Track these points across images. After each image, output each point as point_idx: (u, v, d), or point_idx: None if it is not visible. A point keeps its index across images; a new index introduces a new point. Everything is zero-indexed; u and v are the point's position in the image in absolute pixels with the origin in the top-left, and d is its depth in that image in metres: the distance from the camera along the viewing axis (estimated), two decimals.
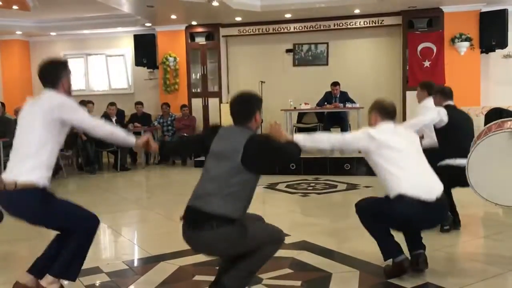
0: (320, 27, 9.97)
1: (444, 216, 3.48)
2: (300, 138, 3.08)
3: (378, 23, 9.64)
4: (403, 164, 3.10)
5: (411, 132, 3.53)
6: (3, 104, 9.06)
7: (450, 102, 4.35)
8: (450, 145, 4.18)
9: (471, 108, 9.03)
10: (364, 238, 3.73)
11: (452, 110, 4.22)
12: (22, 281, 2.85)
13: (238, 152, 2.62)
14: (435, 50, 9.10)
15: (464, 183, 3.73)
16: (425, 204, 3.02)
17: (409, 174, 3.08)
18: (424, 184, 3.09)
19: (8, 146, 7.21)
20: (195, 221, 2.62)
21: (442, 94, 4.43)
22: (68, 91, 2.95)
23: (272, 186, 6.50)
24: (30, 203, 2.76)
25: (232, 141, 2.70)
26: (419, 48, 9.15)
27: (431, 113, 4.18)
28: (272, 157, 2.79)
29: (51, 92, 2.88)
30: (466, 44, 9.00)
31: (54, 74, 2.89)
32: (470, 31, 9.00)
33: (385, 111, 3.29)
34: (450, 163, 4.09)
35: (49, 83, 2.89)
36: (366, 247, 3.60)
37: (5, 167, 2.88)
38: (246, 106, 2.82)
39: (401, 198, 3.02)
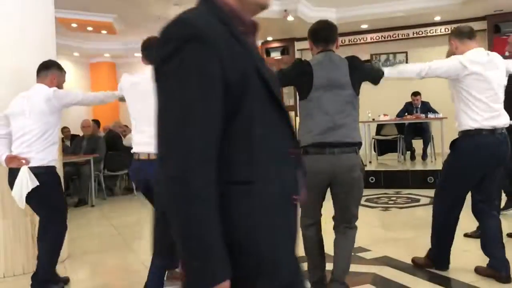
0: (398, 36, 9.73)
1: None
2: (387, 72, 3.12)
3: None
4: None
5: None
6: (97, 122, 9.66)
7: None
8: None
9: None
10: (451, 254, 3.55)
11: None
12: None
13: (348, 80, 2.72)
14: None
15: None
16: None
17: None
18: None
19: (97, 162, 7.69)
20: (342, 147, 2.67)
21: None
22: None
23: None
24: None
25: (341, 69, 2.74)
26: (507, 53, 8.64)
27: None
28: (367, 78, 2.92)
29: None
30: None
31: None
32: None
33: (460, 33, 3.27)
34: None
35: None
36: (452, 263, 3.41)
37: (98, 182, 3.22)
38: (335, 30, 2.90)
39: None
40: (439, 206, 3.41)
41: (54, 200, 3.33)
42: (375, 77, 2.98)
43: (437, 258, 3.45)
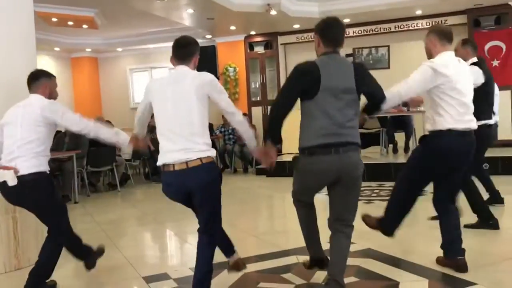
0: (380, 30, 9.80)
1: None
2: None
3: (441, 23, 9.33)
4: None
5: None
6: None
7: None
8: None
9: None
10: (432, 246, 3.60)
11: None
12: None
13: (353, 85, 2.75)
14: (504, 49, 8.67)
15: None
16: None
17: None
18: None
19: (80, 158, 7.62)
20: (346, 146, 2.75)
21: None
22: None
23: None
24: None
25: (347, 74, 2.76)
26: (487, 47, 8.77)
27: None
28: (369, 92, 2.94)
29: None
30: None
31: None
32: None
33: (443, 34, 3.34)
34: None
35: None
36: (435, 255, 3.47)
37: (81, 179, 3.11)
38: (344, 30, 2.89)
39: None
40: (400, 189, 3.62)
41: (49, 205, 3.28)
42: (376, 101, 3.01)
43: (386, 224, 3.68)
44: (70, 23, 8.81)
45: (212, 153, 2.79)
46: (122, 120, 11.24)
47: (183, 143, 2.73)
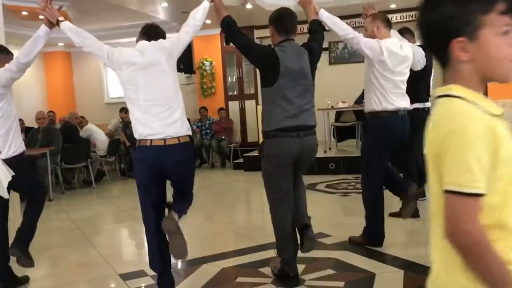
0: (355, 24, 9.84)
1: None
2: (325, 16, 3.49)
3: (416, 17, 9.43)
4: None
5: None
6: (53, 113, 9.34)
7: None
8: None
9: None
10: (408, 238, 3.67)
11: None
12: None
13: (309, 69, 2.99)
14: None
15: None
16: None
17: None
18: None
19: (54, 155, 7.47)
20: (307, 130, 2.98)
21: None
22: None
23: (311, 187, 6.44)
24: None
25: (303, 59, 2.98)
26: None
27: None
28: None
29: None
30: None
31: None
32: None
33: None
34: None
35: None
36: (411, 247, 3.53)
37: (55, 176, 3.11)
38: (296, 19, 3.14)
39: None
40: (368, 186, 3.86)
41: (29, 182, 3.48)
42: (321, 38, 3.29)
43: (371, 236, 3.74)
44: (42, 17, 8.60)
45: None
46: (96, 115, 11.10)
47: None
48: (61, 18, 3.14)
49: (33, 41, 3.28)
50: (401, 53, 3.52)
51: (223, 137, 9.86)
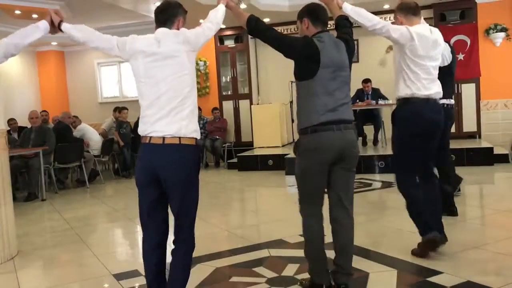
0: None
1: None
2: (349, 9, 3.33)
3: None
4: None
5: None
6: (46, 112, 9.30)
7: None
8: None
9: (509, 101, 8.77)
10: (401, 237, 3.68)
11: None
12: None
13: (347, 62, 2.88)
14: (469, 43, 8.88)
15: None
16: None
17: None
18: None
19: (47, 154, 7.44)
20: (347, 123, 2.83)
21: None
22: None
23: None
24: None
25: (341, 51, 2.87)
26: (452, 41, 8.94)
27: None
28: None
29: None
30: (502, 34, 8.76)
31: None
32: (505, 21, 8.75)
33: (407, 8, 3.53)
34: None
35: None
36: (404, 245, 3.54)
37: (48, 175, 3.00)
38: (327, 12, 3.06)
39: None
40: (401, 184, 3.50)
41: None
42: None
43: (425, 235, 3.42)
44: (35, 15, 8.56)
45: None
46: (90, 115, 11.07)
47: None
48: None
49: (30, 29, 2.98)
50: (432, 36, 3.42)
51: (217, 137, 9.87)
